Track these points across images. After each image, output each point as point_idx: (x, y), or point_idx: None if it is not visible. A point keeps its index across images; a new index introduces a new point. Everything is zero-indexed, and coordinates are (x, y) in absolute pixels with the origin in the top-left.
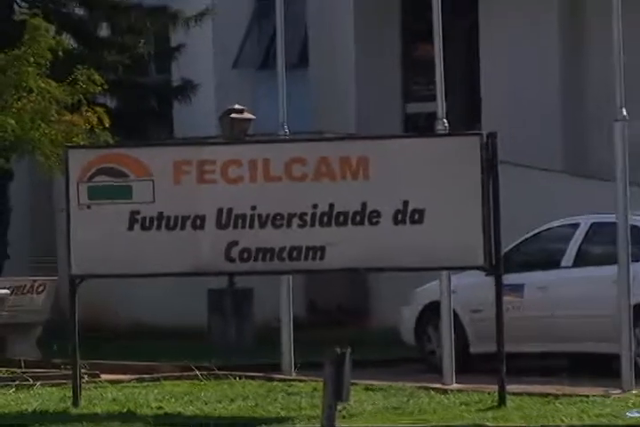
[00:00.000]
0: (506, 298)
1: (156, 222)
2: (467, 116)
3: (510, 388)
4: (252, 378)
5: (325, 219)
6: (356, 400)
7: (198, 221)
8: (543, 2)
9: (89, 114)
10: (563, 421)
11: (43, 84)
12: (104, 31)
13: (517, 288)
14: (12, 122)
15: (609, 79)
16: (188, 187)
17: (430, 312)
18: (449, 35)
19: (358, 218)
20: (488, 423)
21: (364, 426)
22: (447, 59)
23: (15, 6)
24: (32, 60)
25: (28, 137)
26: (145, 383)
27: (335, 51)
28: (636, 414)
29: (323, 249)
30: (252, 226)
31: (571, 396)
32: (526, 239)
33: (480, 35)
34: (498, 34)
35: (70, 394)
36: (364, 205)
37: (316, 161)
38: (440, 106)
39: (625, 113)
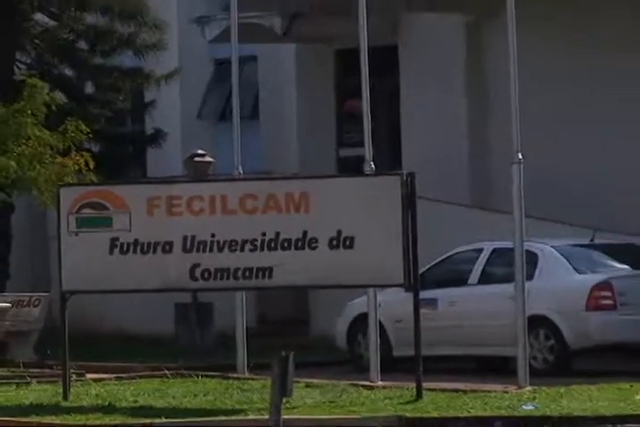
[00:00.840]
0: (422, 310)
1: (132, 247)
2: (390, 159)
3: (426, 385)
4: (212, 377)
5: (273, 244)
6: (298, 395)
7: (167, 247)
8: (451, 67)
9: (77, 158)
10: (469, 412)
11: (38, 133)
12: (89, 89)
13: (432, 302)
14: (14, 164)
15: (507, 128)
16: (159, 218)
17: (359, 322)
18: (374, 93)
19: (300, 244)
20: (407, 414)
21: (304, 417)
22: (373, 112)
23: (15, 68)
24: (30, 112)
25: (27, 176)
26: (123, 381)
27: (281, 105)
28: (530, 407)
29: (271, 270)
30: (211, 250)
31: (476, 391)
32: (439, 261)
33: (400, 92)
34: (415, 91)
35: (61, 390)
36: (304, 233)
37: (265, 196)
38: (367, 151)
39: (520, 156)
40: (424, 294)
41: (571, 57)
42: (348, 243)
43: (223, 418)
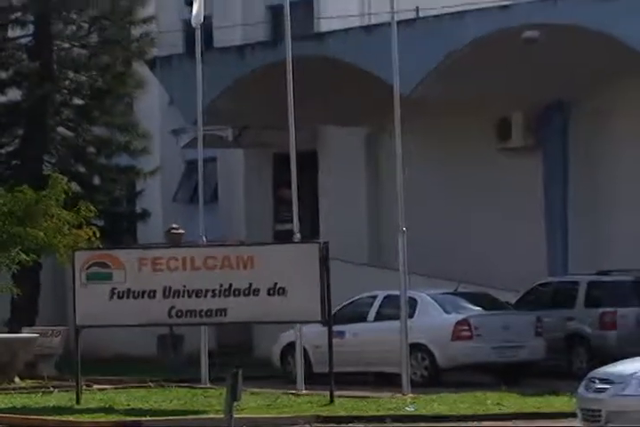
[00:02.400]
0: (334, 339)
1: (126, 294)
2: (311, 231)
3: (337, 393)
4: (183, 387)
5: (227, 292)
6: (245, 400)
7: (152, 294)
8: (356, 165)
9: (87, 230)
10: (367, 412)
11: (59, 212)
12: (96, 180)
13: (341, 334)
14: (42, 234)
15: (394, 209)
16: (146, 273)
17: (289, 348)
18: (300, 184)
19: (247, 292)
20: (323, 414)
21: (249, 416)
22: (299, 198)
23: (43, 166)
24: (53, 197)
25: (51, 244)
26: (119, 390)
27: (234, 193)
28: (411, 408)
29: (225, 310)
30: (183, 296)
31: (373, 397)
32: (346, 304)
33: (319, 184)
34: (329, 183)
35: (74, 397)
36: (250, 284)
37: (221, 258)
38: (295, 226)
39: (404, 229)
40: (335, 328)
41: (441, 159)
42: (281, 291)
43: (191, 417)
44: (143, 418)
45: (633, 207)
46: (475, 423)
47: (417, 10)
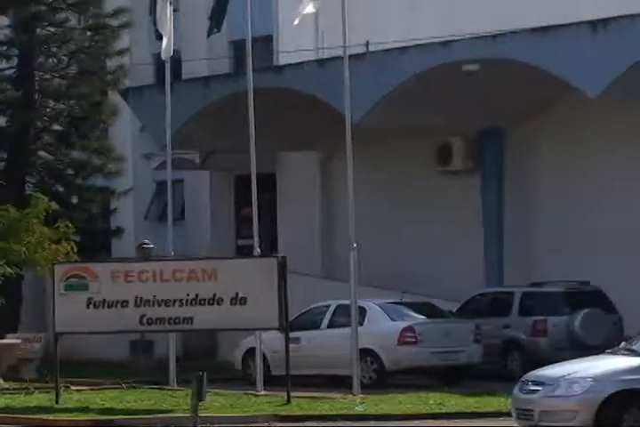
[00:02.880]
0: (291, 345)
1: (101, 304)
2: (270, 247)
3: (294, 393)
4: (153, 388)
5: (193, 302)
6: (209, 400)
7: (124, 303)
8: (311, 186)
9: (66, 245)
10: (321, 411)
11: (40, 229)
12: (74, 200)
13: (297, 340)
14: (24, 249)
15: (346, 226)
16: (119, 285)
17: (250, 352)
18: (261, 203)
19: (211, 301)
20: (281, 413)
21: (213, 415)
22: (259, 216)
23: (26, 187)
24: (35, 215)
25: (33, 258)
26: (94, 391)
27: (199, 211)
28: (361, 408)
29: (192, 318)
30: (153, 306)
31: (326, 398)
32: (302, 313)
33: (277, 203)
34: (287, 202)
35: (54, 397)
36: (214, 294)
37: (188, 271)
38: (255, 241)
39: (355, 245)
40: (292, 335)
41: (389, 181)
42: (242, 301)
43: (160, 416)
44: (116, 417)
45: (560, 224)
46: (418, 422)
47: (367, 44)
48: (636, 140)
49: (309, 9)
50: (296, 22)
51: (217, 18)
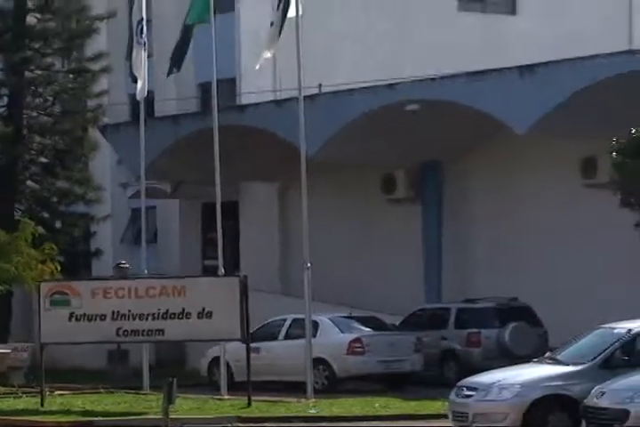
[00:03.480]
0: (252, 354)
1: (82, 317)
2: (233, 267)
3: (254, 398)
4: (128, 393)
5: (164, 316)
6: (178, 404)
7: (103, 317)
8: (270, 213)
9: (50, 265)
10: (279, 413)
11: (28, 250)
12: (58, 224)
13: (257, 350)
14: (13, 269)
15: (301, 248)
16: (98, 300)
17: (215, 361)
18: (224, 228)
19: (180, 315)
20: (242, 415)
21: (182, 416)
22: (223, 239)
23: (15, 213)
24: (23, 238)
25: (21, 276)
26: (76, 395)
27: (170, 235)
28: (314, 411)
29: (163, 330)
30: (128, 319)
31: (283, 401)
32: (262, 326)
33: (240, 228)
34: (248, 227)
35: (39, 401)
36: (183, 309)
37: (160, 288)
38: (220, 262)
39: (309, 265)
40: (253, 345)
41: (340, 208)
42: (208, 315)
43: (134, 417)
44: (95, 418)
45: (492, 247)
46: (365, 423)
47: (319, 86)
48: (559, 173)
49: (268, 55)
50: (257, 67)
51: (177, 59)
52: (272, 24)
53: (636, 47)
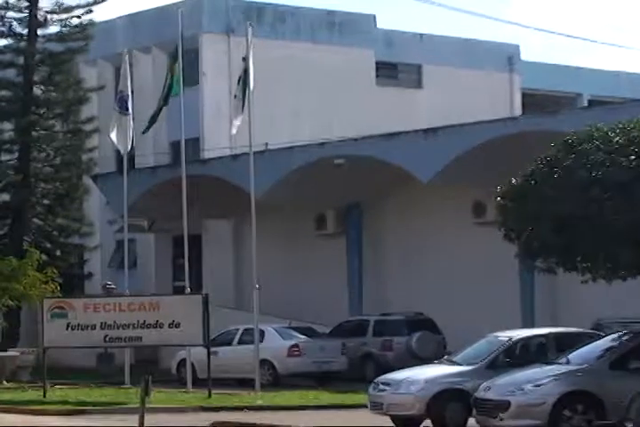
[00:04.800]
0: (212, 356)
1: (77, 327)
2: (197, 287)
3: (214, 391)
4: (113, 387)
5: (142, 326)
6: (153, 396)
7: (93, 327)
8: (225, 243)
9: (51, 285)
10: (233, 403)
11: (33, 273)
12: (58, 253)
13: (216, 353)
14: (22, 288)
15: (251, 271)
16: (89, 314)
17: (182, 361)
18: (190, 255)
19: (155, 326)
20: (204, 405)
21: (156, 406)
22: (190, 264)
23: (24, 243)
24: (30, 264)
25: (28, 294)
26: (71, 389)
27: (148, 260)
28: (260, 402)
29: (141, 337)
30: (113, 328)
31: (236, 394)
32: (219, 334)
33: (203, 254)
34: (211, 254)
35: (42, 393)
36: (157, 320)
37: (139, 304)
38: (187, 282)
39: (257, 286)
40: (212, 349)
41: (282, 241)
42: (177, 325)
43: (118, 406)
44: (87, 407)
45: (402, 271)
46: (301, 411)
47: (266, 145)
48: (455, 212)
49: (238, 122)
50: (234, 131)
51: (150, 122)
52: (235, 96)
53: (516, 115)
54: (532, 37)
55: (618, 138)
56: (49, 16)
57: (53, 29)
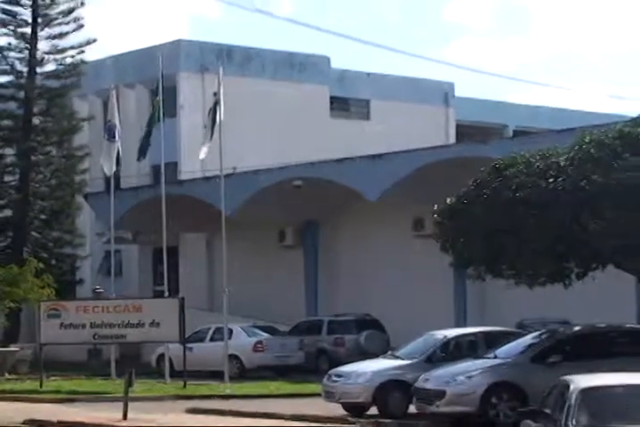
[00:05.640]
0: (187, 352)
1: (69, 326)
2: (175, 291)
3: (189, 382)
4: (102, 378)
5: (126, 325)
6: (136, 387)
7: (83, 326)
8: (199, 255)
9: (47, 290)
10: (204, 392)
11: (32, 279)
12: (53, 261)
13: (190, 349)
14: (22, 292)
15: (222, 276)
16: (80, 314)
17: (161, 356)
18: (168, 263)
19: (137, 325)
20: (180, 393)
21: (138, 395)
22: (168, 272)
23: (24, 254)
24: (29, 271)
25: (27, 297)
26: (65, 380)
27: (131, 269)
28: (229, 391)
29: (125, 335)
30: (101, 327)
31: (207, 384)
32: (194, 332)
33: (179, 263)
34: (186, 263)
35: (39, 384)
36: (140, 320)
37: (124, 306)
38: (165, 288)
39: (226, 291)
40: (188, 345)
41: (250, 252)
42: (157, 324)
43: (105, 395)
44: (78, 396)
45: (353, 278)
46: (264, 399)
47: (234, 168)
48: (398, 226)
49: (206, 149)
50: (202, 157)
51: (143, 150)
52: (205, 126)
53: (450, 143)
54: (466, 76)
55: (538, 163)
56: (46, 56)
57: (50, 68)
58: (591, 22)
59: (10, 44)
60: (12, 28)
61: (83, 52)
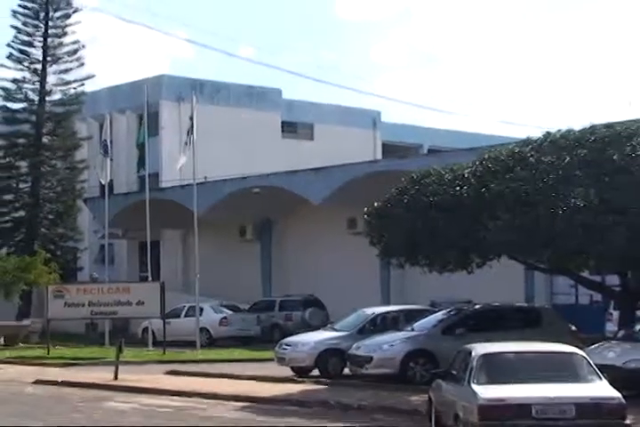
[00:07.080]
0: (166, 325)
1: (72, 304)
2: (157, 276)
3: (168, 349)
4: (97, 347)
5: (118, 304)
6: (126, 353)
7: (83, 304)
8: (175, 251)
9: (54, 275)
10: (180, 358)
11: (41, 267)
12: (58, 252)
13: (169, 323)
14: (33, 277)
15: (195, 264)
16: (81, 295)
17: (145, 329)
18: (152, 255)
19: (127, 303)
20: (160, 359)
21: (127, 360)
22: (152, 261)
23: (34, 246)
24: (39, 260)
25: (37, 281)
26: (68, 348)
27: (122, 259)
28: (199, 352)
29: (116, 312)
30: (98, 306)
31: (183, 352)
32: (172, 310)
33: (161, 255)
34: (165, 254)
35: (47, 351)
36: (128, 300)
37: (115, 288)
38: (149, 274)
39: (198, 276)
40: (167, 320)
41: (219, 244)
42: (142, 303)
43: (100, 360)
44: (79, 361)
45: (300, 265)
46: (228, 363)
47: (205, 178)
48: (336, 225)
49: (182, 162)
50: (179, 167)
51: (140, 164)
52: (183, 144)
53: (378, 159)
54: (389, 104)
55: (448, 175)
56: (54, 87)
57: (57, 97)
58: (487, 61)
59: (24, 77)
60: (26, 64)
61: (83, 84)
